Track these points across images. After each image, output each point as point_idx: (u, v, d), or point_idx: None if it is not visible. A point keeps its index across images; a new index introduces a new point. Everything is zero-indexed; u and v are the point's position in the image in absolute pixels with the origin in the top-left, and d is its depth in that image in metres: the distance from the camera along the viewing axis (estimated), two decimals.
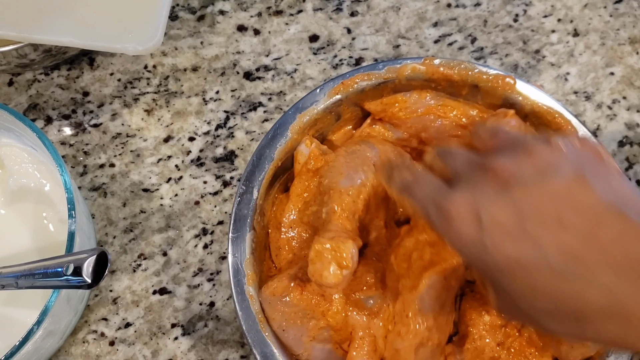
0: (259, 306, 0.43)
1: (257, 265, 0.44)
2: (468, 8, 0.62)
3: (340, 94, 0.48)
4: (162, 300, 0.52)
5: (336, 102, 0.48)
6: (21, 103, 0.58)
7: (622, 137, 0.58)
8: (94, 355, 0.51)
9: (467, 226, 0.31)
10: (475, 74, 0.48)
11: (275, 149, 0.47)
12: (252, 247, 0.44)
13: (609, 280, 0.27)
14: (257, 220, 0.45)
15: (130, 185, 0.55)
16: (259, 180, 0.46)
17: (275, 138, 0.47)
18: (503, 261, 0.30)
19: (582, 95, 0.60)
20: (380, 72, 0.48)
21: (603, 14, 0.62)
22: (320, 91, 0.48)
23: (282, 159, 0.47)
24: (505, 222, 0.30)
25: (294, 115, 0.48)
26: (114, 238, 0.54)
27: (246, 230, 0.44)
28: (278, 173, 0.47)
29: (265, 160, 0.46)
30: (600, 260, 0.28)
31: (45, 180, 0.50)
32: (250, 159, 0.46)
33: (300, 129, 0.47)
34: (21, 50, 0.51)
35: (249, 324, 0.42)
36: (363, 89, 0.49)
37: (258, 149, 0.46)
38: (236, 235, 0.44)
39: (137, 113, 0.58)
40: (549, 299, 0.29)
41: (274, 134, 0.47)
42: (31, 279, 0.40)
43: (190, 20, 0.61)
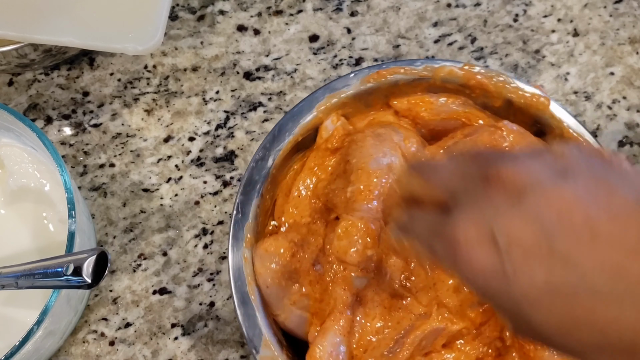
0: (251, 269, 0.43)
1: (256, 231, 0.45)
2: (468, 8, 0.62)
3: (374, 82, 0.48)
4: (162, 300, 0.52)
5: (368, 89, 0.48)
6: (21, 103, 0.58)
7: (622, 137, 0.58)
8: (94, 355, 0.51)
9: (480, 252, 0.25)
10: (512, 87, 0.47)
11: (298, 123, 0.47)
12: (256, 212, 0.45)
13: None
14: (267, 189, 0.46)
15: (130, 185, 0.55)
16: (276, 150, 0.46)
17: (300, 113, 0.47)
18: (532, 290, 0.24)
19: (582, 95, 0.60)
20: (418, 68, 0.48)
21: (603, 14, 0.62)
22: (354, 76, 0.48)
23: (304, 135, 0.47)
24: (527, 240, 0.24)
25: (323, 94, 0.48)
26: (114, 238, 0.54)
27: (254, 195, 0.45)
28: (298, 147, 0.47)
29: (286, 132, 0.47)
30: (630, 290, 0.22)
31: (45, 180, 0.50)
32: (272, 129, 0.47)
33: (327, 109, 0.47)
34: (21, 50, 0.51)
35: (238, 285, 0.43)
36: (397, 82, 0.48)
37: (281, 121, 0.47)
38: (244, 199, 0.45)
39: (137, 113, 0.58)
40: (598, 331, 0.23)
41: (299, 109, 0.47)
42: (31, 279, 0.40)
43: (190, 20, 0.61)
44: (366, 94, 0.48)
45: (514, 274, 0.24)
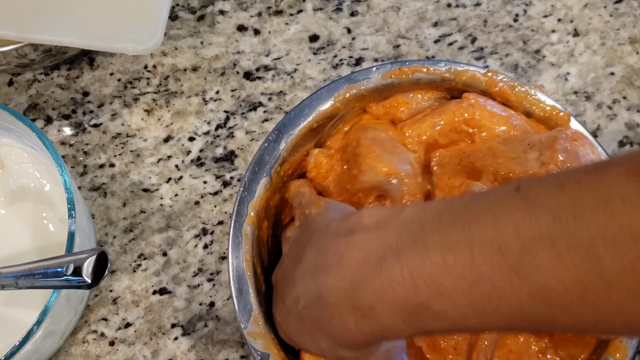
0: (251, 245, 0.44)
1: (259, 210, 0.45)
2: (468, 8, 0.62)
3: (395, 78, 0.48)
4: (162, 300, 0.52)
5: (388, 85, 0.48)
6: (21, 103, 0.58)
7: (622, 137, 0.58)
8: (94, 355, 0.51)
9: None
10: (533, 99, 0.47)
11: (314, 109, 0.47)
12: (262, 192, 0.45)
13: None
14: (276, 170, 0.46)
15: (130, 185, 0.55)
16: (289, 134, 0.47)
17: (317, 100, 0.47)
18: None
19: (582, 95, 0.60)
20: (441, 69, 0.48)
21: (603, 14, 0.62)
22: (377, 70, 0.48)
23: (319, 122, 0.47)
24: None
25: (343, 84, 0.48)
26: (114, 238, 0.54)
27: (262, 174, 0.46)
28: (312, 134, 0.48)
29: (301, 117, 0.47)
30: None
31: (45, 180, 0.50)
32: (288, 112, 0.48)
33: (345, 99, 0.48)
34: (21, 50, 0.51)
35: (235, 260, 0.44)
36: (418, 80, 0.48)
37: (298, 105, 0.47)
38: (252, 177, 0.45)
39: (137, 113, 0.58)
40: None
41: (317, 96, 0.48)
42: (31, 279, 0.40)
43: (190, 20, 0.61)
44: (386, 89, 0.48)
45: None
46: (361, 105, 0.49)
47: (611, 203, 0.26)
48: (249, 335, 0.41)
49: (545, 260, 0.27)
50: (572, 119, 0.48)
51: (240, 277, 0.43)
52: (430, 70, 0.48)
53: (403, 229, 0.31)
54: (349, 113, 0.49)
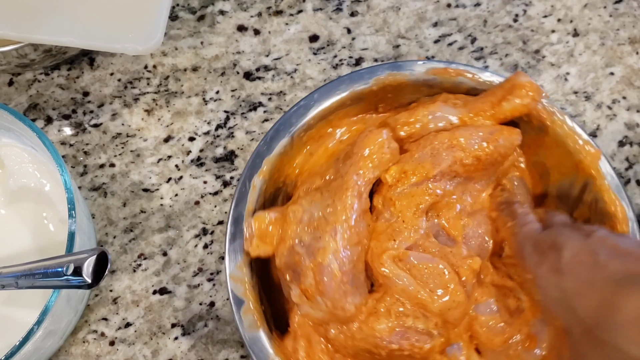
0: (256, 197, 0.45)
1: (274, 168, 0.46)
2: (468, 8, 0.62)
3: (439, 76, 0.48)
4: (162, 300, 0.52)
5: (430, 81, 0.48)
6: (21, 103, 0.58)
7: (622, 137, 0.58)
8: (94, 355, 0.51)
9: (550, 258, 0.38)
10: (568, 130, 0.46)
11: (351, 87, 0.48)
12: (281, 150, 0.46)
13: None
14: (299, 134, 0.47)
15: (130, 185, 0.55)
16: (320, 104, 0.47)
17: (358, 79, 0.48)
18: (576, 283, 0.36)
19: (582, 95, 0.60)
20: (484, 77, 0.48)
21: (603, 14, 0.62)
22: (423, 64, 0.48)
23: (353, 100, 0.48)
24: (582, 255, 0.37)
25: (385, 70, 0.48)
26: (114, 238, 0.54)
27: (286, 134, 0.46)
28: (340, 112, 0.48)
29: (338, 91, 0.48)
30: None
31: (45, 180, 0.50)
32: (327, 83, 0.48)
33: (384, 84, 0.48)
34: (21, 50, 0.51)
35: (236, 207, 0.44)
36: (460, 84, 0.48)
37: (337, 79, 0.48)
38: (274, 134, 0.46)
39: (137, 113, 0.58)
40: (618, 310, 0.34)
41: (359, 75, 0.48)
42: (31, 279, 0.40)
43: (190, 20, 0.61)
44: (426, 85, 0.48)
45: (568, 272, 0.37)
46: (394, 96, 0.49)
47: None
48: (231, 278, 0.42)
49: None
50: (602, 157, 0.47)
51: (237, 221, 0.43)
52: (474, 77, 0.48)
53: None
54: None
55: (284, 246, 0.41)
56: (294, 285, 0.40)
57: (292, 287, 0.41)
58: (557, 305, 0.38)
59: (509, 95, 0.44)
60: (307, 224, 0.41)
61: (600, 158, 0.46)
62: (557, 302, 0.38)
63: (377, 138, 0.43)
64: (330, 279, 0.39)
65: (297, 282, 0.40)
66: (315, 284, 0.39)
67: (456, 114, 0.45)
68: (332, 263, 0.39)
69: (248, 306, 0.42)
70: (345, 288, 0.40)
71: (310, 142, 0.49)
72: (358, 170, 0.42)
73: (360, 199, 0.41)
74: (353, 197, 0.41)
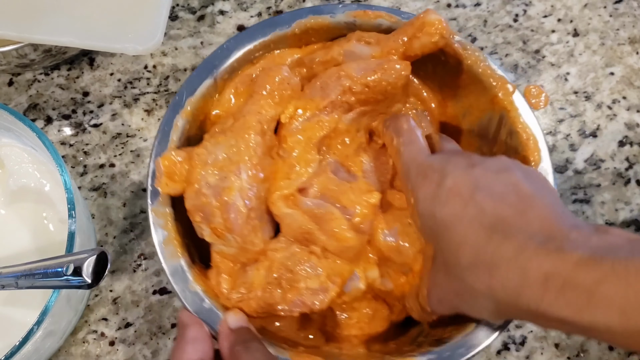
0: (179, 137, 0.45)
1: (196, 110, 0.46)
2: (468, 8, 0.62)
3: (359, 19, 0.48)
4: (162, 300, 0.52)
5: (350, 23, 0.48)
6: (21, 103, 0.58)
7: (622, 137, 0.58)
8: (94, 355, 0.51)
9: (432, 183, 0.38)
10: (483, 67, 0.47)
11: (274, 30, 0.48)
12: (203, 90, 0.47)
13: (524, 242, 0.33)
14: (223, 76, 0.48)
15: (130, 185, 0.55)
16: (245, 46, 0.48)
17: (279, 22, 0.48)
18: (448, 216, 0.36)
19: (582, 95, 0.60)
20: (404, 20, 0.48)
21: (603, 14, 0.62)
22: (342, 7, 0.48)
23: (276, 43, 0.48)
24: (462, 187, 0.36)
25: (307, 14, 0.48)
26: (114, 238, 0.54)
27: (207, 76, 0.47)
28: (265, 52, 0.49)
29: (260, 34, 0.48)
30: (522, 228, 0.34)
31: (45, 180, 0.50)
32: (248, 28, 0.49)
33: (306, 27, 0.48)
34: (21, 50, 0.51)
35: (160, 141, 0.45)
36: (380, 25, 0.48)
37: (260, 23, 0.49)
38: (196, 76, 0.46)
39: (137, 113, 0.58)
40: (474, 251, 0.35)
41: (281, 19, 0.48)
42: (31, 279, 0.40)
43: (190, 20, 0.61)
44: (347, 28, 0.49)
45: (444, 203, 0.37)
46: (317, 40, 0.49)
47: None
48: (153, 212, 0.43)
49: None
50: (517, 92, 0.47)
51: (157, 166, 0.43)
52: (393, 18, 0.48)
53: None
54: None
55: (191, 189, 0.42)
56: (204, 226, 0.41)
57: (203, 227, 0.42)
58: (428, 232, 0.38)
59: (419, 33, 0.45)
60: (212, 165, 0.41)
61: (515, 92, 0.47)
62: (429, 229, 0.38)
63: (276, 75, 0.43)
64: (237, 216, 0.40)
65: (207, 222, 0.41)
66: (223, 222, 0.40)
67: (369, 52, 0.46)
68: (237, 201, 0.40)
69: (169, 238, 0.43)
70: (254, 223, 0.41)
71: (234, 85, 0.49)
72: (259, 109, 0.43)
73: (264, 137, 0.42)
74: (256, 135, 0.42)
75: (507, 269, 0.33)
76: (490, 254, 0.34)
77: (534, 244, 0.33)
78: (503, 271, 0.33)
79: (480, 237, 0.35)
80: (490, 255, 0.34)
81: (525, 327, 0.53)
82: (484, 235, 0.35)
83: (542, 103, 0.59)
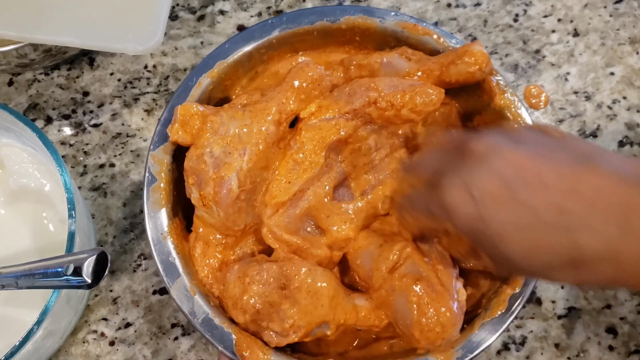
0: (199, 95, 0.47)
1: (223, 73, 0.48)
2: (468, 8, 0.62)
3: (407, 31, 0.49)
4: (162, 300, 0.52)
5: (397, 33, 0.49)
6: (21, 103, 0.58)
7: (622, 137, 0.58)
8: (94, 355, 0.51)
9: (463, 205, 0.33)
10: (515, 112, 0.47)
11: (320, 18, 0.49)
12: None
13: (599, 227, 0.30)
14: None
15: (130, 185, 0.55)
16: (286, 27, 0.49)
17: (328, 13, 0.49)
18: (500, 228, 0.32)
19: (582, 95, 0.60)
20: (450, 45, 0.48)
21: (603, 14, 0.62)
22: (394, 16, 0.49)
23: (321, 33, 0.49)
24: (494, 191, 0.32)
25: (357, 12, 0.49)
26: (114, 238, 0.54)
27: (244, 46, 0.48)
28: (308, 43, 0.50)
29: (306, 20, 0.49)
30: (587, 211, 0.30)
31: (45, 180, 0.50)
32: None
33: (353, 24, 0.49)
34: (21, 50, 0.51)
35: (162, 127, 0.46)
36: (426, 44, 0.48)
37: (306, 9, 0.49)
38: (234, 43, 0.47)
39: (137, 113, 0.58)
40: (549, 253, 0.31)
41: (331, 10, 0.49)
42: (31, 279, 0.40)
43: (190, 20, 0.61)
44: (394, 37, 0.49)
45: (488, 218, 0.32)
46: (361, 40, 0.50)
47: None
48: (151, 156, 0.45)
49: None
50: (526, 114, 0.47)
51: (172, 109, 0.44)
52: (440, 41, 0.48)
53: None
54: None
55: (195, 151, 0.42)
56: (194, 189, 0.42)
57: (193, 190, 0.43)
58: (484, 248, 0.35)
59: (458, 60, 0.45)
60: (221, 137, 0.42)
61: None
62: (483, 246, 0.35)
63: (311, 72, 0.44)
64: (228, 194, 0.41)
65: (198, 187, 0.42)
66: (213, 194, 0.41)
67: (405, 67, 0.46)
68: (233, 180, 0.41)
69: (158, 185, 0.44)
70: (241, 205, 0.42)
71: (270, 61, 0.50)
72: (282, 99, 0.43)
73: (278, 127, 0.43)
74: (271, 123, 0.42)
75: (596, 263, 0.31)
76: (569, 247, 0.31)
77: None
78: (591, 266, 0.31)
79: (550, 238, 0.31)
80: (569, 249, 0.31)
81: (525, 327, 0.53)
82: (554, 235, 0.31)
83: (542, 103, 0.59)
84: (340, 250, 0.44)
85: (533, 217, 0.31)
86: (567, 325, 0.53)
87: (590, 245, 0.30)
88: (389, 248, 0.42)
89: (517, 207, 0.31)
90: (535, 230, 0.31)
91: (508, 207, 0.32)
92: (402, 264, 0.41)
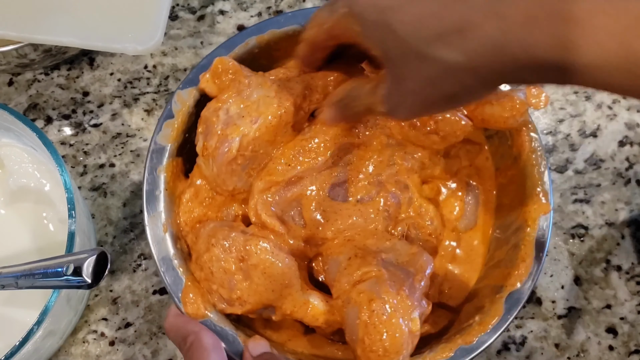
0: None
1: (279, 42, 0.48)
2: None
3: None
4: (162, 300, 0.52)
5: None
6: (21, 103, 0.58)
7: (622, 137, 0.58)
8: (94, 355, 0.51)
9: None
10: (538, 172, 0.47)
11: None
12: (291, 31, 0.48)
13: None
14: None
15: (130, 185, 0.55)
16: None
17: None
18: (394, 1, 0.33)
19: (582, 95, 0.60)
20: None
21: None
22: None
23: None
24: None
25: None
26: (114, 238, 0.54)
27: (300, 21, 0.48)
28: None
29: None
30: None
31: (45, 180, 0.50)
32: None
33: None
34: (21, 50, 0.51)
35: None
36: None
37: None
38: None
39: (137, 113, 0.58)
40: (436, 19, 0.32)
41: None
42: (31, 279, 0.40)
43: (190, 20, 0.61)
44: None
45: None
46: None
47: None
48: (177, 95, 0.46)
49: None
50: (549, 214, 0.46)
51: (210, 62, 0.45)
52: None
53: None
54: None
55: (214, 104, 0.43)
56: (201, 137, 0.43)
57: (200, 138, 0.43)
58: (376, 30, 0.35)
59: (495, 101, 0.44)
60: (242, 99, 0.43)
61: (547, 213, 0.45)
62: (376, 26, 0.35)
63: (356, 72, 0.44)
64: (225, 153, 0.42)
65: (204, 137, 0.43)
66: (214, 148, 0.42)
67: None
68: (234, 142, 0.42)
69: (173, 122, 0.46)
70: (235, 168, 0.43)
71: None
72: (312, 86, 0.44)
73: (297, 110, 0.43)
74: (292, 105, 0.43)
75: (483, 23, 0.30)
76: (458, 13, 0.31)
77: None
78: (477, 27, 0.30)
79: (440, 2, 0.32)
80: (458, 16, 0.31)
81: (525, 327, 0.53)
82: (443, 5, 0.32)
83: (542, 103, 0.59)
84: (316, 246, 0.44)
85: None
86: (567, 325, 0.53)
87: (476, 2, 0.31)
88: (356, 265, 0.41)
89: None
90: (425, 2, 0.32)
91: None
92: (365, 280, 0.40)
